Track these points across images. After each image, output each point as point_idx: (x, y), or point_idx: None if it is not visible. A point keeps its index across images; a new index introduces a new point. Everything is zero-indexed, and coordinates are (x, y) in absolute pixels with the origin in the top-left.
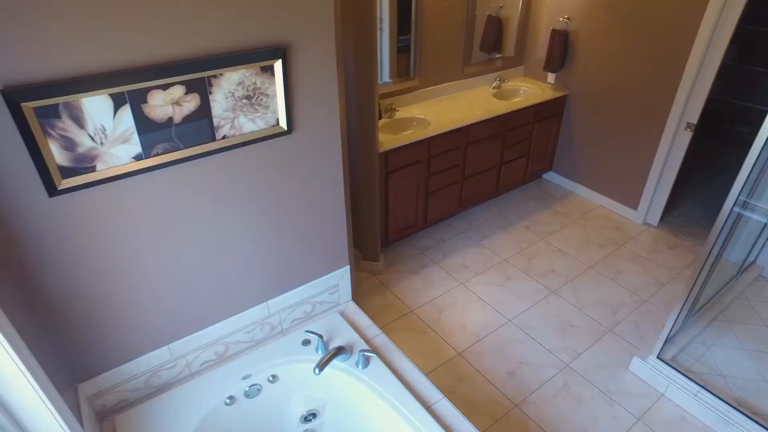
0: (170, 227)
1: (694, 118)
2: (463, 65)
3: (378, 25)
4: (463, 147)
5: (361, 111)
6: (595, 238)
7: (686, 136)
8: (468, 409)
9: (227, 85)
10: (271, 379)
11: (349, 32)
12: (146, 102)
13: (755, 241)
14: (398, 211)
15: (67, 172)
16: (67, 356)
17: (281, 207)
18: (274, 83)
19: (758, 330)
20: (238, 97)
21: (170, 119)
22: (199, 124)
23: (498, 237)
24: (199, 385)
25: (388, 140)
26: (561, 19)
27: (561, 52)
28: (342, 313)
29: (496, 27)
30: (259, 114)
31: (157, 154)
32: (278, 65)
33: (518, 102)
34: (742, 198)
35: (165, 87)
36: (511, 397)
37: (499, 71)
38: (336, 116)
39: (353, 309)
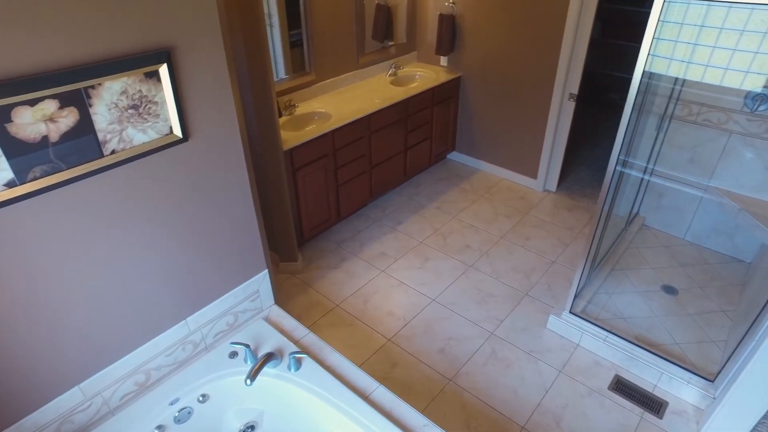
0: (64, 255)
1: (575, 88)
2: (358, 55)
3: (267, 21)
4: (367, 136)
5: (259, 110)
6: (502, 210)
7: (570, 106)
8: (405, 392)
9: (108, 95)
10: (201, 399)
11: (237, 30)
12: (11, 121)
13: (636, 195)
14: (310, 207)
15: None
16: None
17: (187, 219)
18: (161, 89)
19: (646, 273)
20: (123, 107)
21: (45, 138)
22: (82, 141)
23: (412, 221)
24: (121, 421)
25: (291, 137)
26: (446, 3)
27: (450, 35)
28: (267, 319)
29: (385, 15)
30: (149, 123)
31: (35, 178)
32: (164, 70)
33: (415, 87)
34: (622, 158)
35: (33, 102)
36: (444, 372)
37: (394, 58)
38: (233, 118)
39: (278, 313)
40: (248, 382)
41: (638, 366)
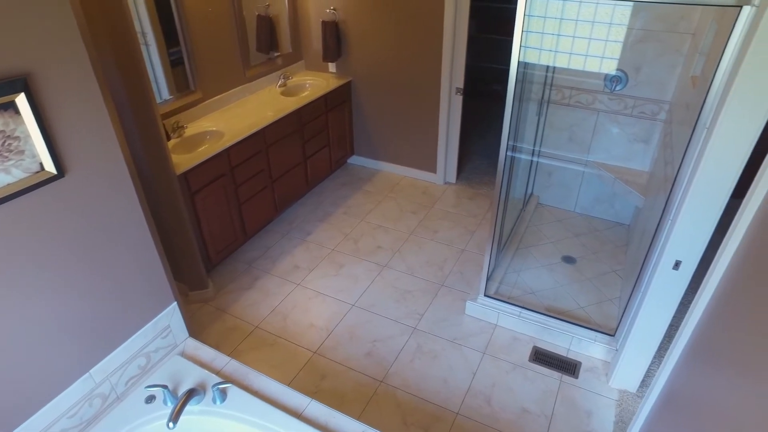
0: None
1: (460, 83)
2: (244, 69)
3: (141, 40)
4: (264, 150)
5: (144, 135)
6: (407, 207)
7: (458, 100)
8: (338, 402)
9: None
10: None
11: (108, 51)
12: None
13: (528, 177)
14: (214, 230)
15: None
16: None
17: (78, 260)
18: (22, 122)
19: (547, 247)
20: None
21: None
22: None
23: (321, 229)
24: None
25: (183, 160)
26: (328, 10)
27: (335, 41)
28: (183, 354)
29: (267, 26)
30: (12, 162)
31: None
32: (21, 100)
33: (307, 96)
34: (511, 143)
35: None
36: (374, 375)
37: (282, 69)
38: (115, 147)
39: (194, 345)
40: (171, 425)
41: (552, 334)
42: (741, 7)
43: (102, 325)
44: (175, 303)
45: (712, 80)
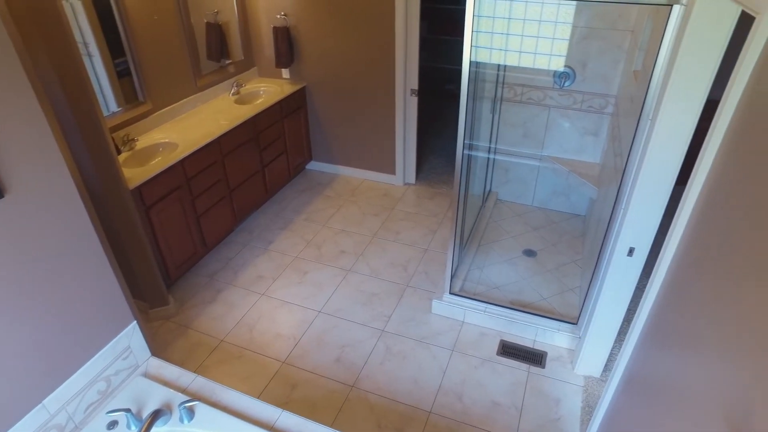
0: None
1: (414, 84)
2: (195, 78)
3: (83, 51)
4: (221, 160)
5: (93, 150)
6: (369, 210)
7: (413, 101)
8: (310, 411)
9: None
10: None
11: (46, 63)
12: None
13: (486, 174)
14: (172, 244)
15: None
16: None
17: (27, 285)
18: None
19: (508, 242)
20: None
21: None
22: None
23: (283, 237)
24: None
25: (136, 174)
26: (278, 16)
27: (287, 47)
28: (146, 374)
29: (217, 33)
30: None
31: None
32: None
33: (261, 103)
34: (467, 142)
35: None
36: (345, 380)
37: (234, 77)
38: (60, 163)
39: (157, 364)
40: None
41: (517, 327)
42: (671, 6)
43: (55, 351)
44: (135, 322)
45: (652, 74)
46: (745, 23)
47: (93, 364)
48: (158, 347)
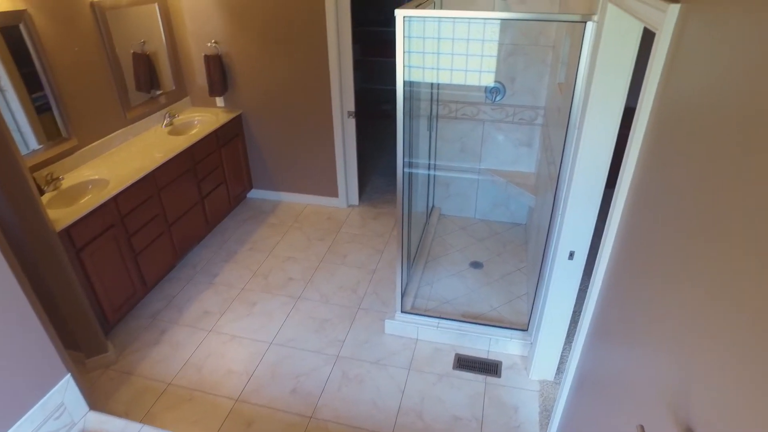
0: None
1: (351, 106)
2: (124, 110)
3: None
4: (156, 194)
5: (10, 192)
6: (314, 235)
7: (351, 123)
8: None
9: None
10: None
11: None
12: None
13: (428, 190)
14: (109, 287)
15: None
16: None
17: None
18: None
19: (454, 256)
20: None
21: None
22: None
23: (228, 269)
24: None
25: (63, 215)
26: (209, 44)
27: (220, 75)
28: (84, 431)
29: (145, 63)
30: None
31: None
32: None
33: (196, 133)
34: (407, 160)
35: None
36: (303, 412)
37: (167, 107)
38: None
39: (97, 419)
40: None
41: (471, 339)
42: (585, 23)
43: None
44: (69, 375)
45: (575, 86)
46: (651, 37)
47: (19, 427)
48: (98, 399)
